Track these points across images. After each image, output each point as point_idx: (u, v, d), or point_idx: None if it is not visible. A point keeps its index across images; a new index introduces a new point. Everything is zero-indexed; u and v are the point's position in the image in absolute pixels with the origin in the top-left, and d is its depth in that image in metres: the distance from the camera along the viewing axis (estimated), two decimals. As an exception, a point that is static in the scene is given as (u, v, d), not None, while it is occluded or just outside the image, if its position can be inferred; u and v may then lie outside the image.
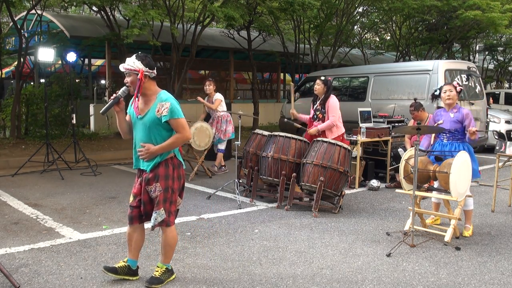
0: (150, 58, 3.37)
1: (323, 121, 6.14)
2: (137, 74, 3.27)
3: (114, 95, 3.36)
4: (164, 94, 3.38)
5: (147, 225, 3.51)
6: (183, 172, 3.54)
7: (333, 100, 6.14)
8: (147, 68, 3.30)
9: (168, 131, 3.37)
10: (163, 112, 3.29)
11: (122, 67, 3.33)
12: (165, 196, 3.37)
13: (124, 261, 3.59)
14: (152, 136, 3.35)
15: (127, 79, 3.33)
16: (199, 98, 7.93)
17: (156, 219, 3.37)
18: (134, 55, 3.34)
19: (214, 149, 8.05)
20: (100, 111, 3.42)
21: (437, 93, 4.97)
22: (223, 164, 8.13)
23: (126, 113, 3.52)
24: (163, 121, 3.30)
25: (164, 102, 3.31)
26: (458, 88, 4.81)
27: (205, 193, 6.60)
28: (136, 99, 3.36)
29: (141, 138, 3.38)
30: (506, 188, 6.38)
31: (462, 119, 4.69)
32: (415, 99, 7.11)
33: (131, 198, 3.50)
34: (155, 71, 3.37)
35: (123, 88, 3.38)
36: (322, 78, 6.27)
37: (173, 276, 3.61)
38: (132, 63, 3.29)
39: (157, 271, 3.52)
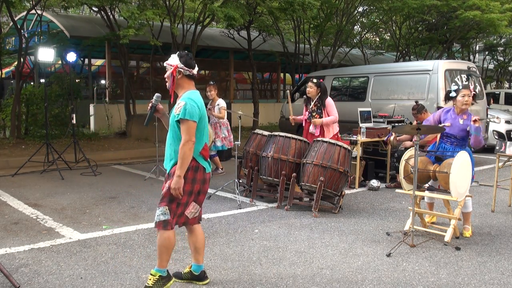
0: (191, 56, 3.33)
1: None
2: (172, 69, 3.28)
3: (150, 104, 3.40)
4: (190, 93, 3.24)
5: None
6: (203, 176, 3.30)
7: (330, 100, 6.36)
8: (183, 65, 3.26)
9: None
10: (177, 110, 3.17)
11: (165, 63, 3.37)
12: (170, 194, 3.19)
13: (188, 267, 3.57)
14: (175, 135, 3.25)
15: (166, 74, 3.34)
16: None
17: (158, 216, 3.21)
18: (178, 52, 3.37)
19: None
20: (144, 124, 3.49)
21: (453, 94, 4.70)
22: (220, 166, 8.10)
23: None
24: (175, 120, 3.19)
25: (181, 100, 3.19)
26: (473, 93, 4.66)
27: (205, 193, 6.59)
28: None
29: (168, 136, 3.32)
30: (506, 188, 6.38)
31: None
32: (416, 102, 7.07)
33: None
34: (193, 70, 3.30)
35: (155, 96, 3.41)
36: (315, 80, 6.33)
37: (170, 282, 3.35)
38: (171, 58, 3.30)
39: (150, 279, 3.29)
